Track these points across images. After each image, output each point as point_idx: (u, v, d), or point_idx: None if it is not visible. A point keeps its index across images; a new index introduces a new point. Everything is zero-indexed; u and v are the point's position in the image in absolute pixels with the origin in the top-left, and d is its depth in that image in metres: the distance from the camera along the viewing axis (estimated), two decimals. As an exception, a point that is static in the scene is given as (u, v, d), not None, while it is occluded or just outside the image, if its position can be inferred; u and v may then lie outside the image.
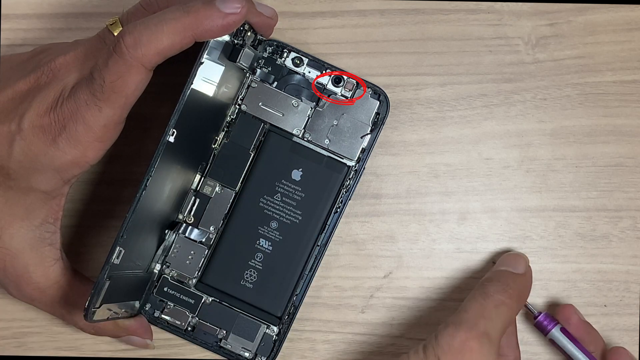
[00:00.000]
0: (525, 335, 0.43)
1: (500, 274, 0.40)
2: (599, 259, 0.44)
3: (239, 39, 0.39)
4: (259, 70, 0.42)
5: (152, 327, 0.42)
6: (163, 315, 0.42)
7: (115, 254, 0.36)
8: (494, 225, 0.44)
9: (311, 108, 0.42)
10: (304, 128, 0.42)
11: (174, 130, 0.36)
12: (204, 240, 0.42)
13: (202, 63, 0.36)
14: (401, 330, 0.44)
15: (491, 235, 0.44)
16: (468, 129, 0.44)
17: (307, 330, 0.44)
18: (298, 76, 0.42)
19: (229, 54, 0.39)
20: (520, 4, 0.44)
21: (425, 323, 0.44)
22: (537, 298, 0.43)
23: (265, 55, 0.42)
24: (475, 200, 0.44)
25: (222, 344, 0.42)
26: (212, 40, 0.36)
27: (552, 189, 0.44)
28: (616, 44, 0.44)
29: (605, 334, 0.43)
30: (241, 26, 0.38)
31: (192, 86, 0.36)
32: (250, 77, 0.42)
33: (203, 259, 0.42)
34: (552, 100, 0.44)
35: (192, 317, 0.42)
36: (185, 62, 0.37)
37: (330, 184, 0.42)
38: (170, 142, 0.36)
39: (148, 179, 0.36)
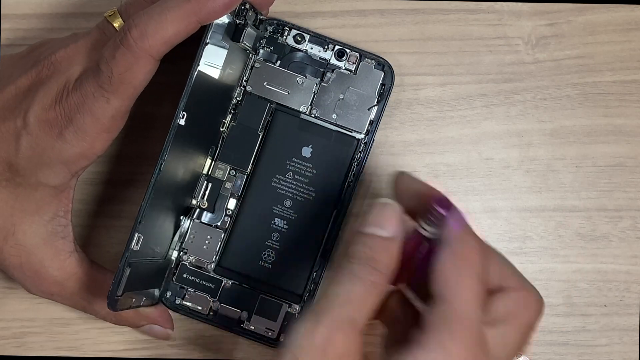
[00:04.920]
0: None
1: (367, 242, 0.32)
2: (599, 259, 0.44)
3: (241, 18, 0.39)
4: (261, 50, 0.42)
5: (174, 314, 0.42)
6: (184, 302, 0.42)
7: (134, 240, 0.36)
8: (494, 225, 0.44)
9: (316, 84, 0.42)
10: (311, 104, 0.42)
11: (184, 113, 0.36)
12: (219, 224, 0.42)
13: (207, 44, 0.36)
14: (401, 330, 0.44)
15: (491, 235, 0.44)
16: (468, 129, 0.44)
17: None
18: (301, 53, 0.42)
19: (232, 34, 0.39)
20: (520, 4, 0.44)
21: (425, 323, 0.44)
22: (537, 298, 0.44)
23: (267, 35, 0.42)
24: (475, 200, 0.44)
25: (245, 326, 0.42)
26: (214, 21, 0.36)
27: (552, 189, 0.44)
28: (616, 44, 0.44)
29: (605, 334, 0.43)
30: (242, 5, 0.38)
31: (199, 68, 0.36)
32: (253, 57, 0.42)
33: (220, 243, 0.42)
34: (552, 100, 0.44)
35: (213, 301, 0.42)
36: (186, 58, 0.37)
37: (341, 158, 0.42)
38: (181, 125, 0.36)
39: (162, 163, 0.36)
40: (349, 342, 0.30)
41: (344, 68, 0.42)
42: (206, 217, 0.42)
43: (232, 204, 0.42)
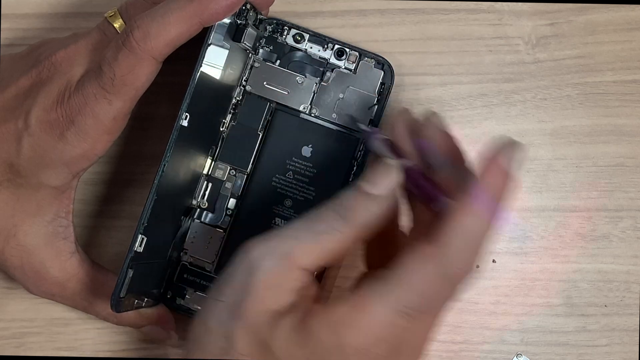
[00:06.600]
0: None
1: (352, 193, 0.33)
2: (599, 259, 0.44)
3: (242, 18, 0.39)
4: (261, 50, 0.42)
5: (175, 314, 0.42)
6: (184, 303, 0.42)
7: (137, 242, 0.36)
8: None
9: (316, 83, 0.42)
10: (311, 104, 0.42)
11: (186, 114, 0.36)
12: (219, 223, 0.42)
13: (209, 45, 0.36)
14: (401, 331, 0.44)
15: (491, 235, 0.44)
16: (468, 128, 0.44)
17: (307, 331, 0.44)
18: (300, 53, 0.42)
19: (233, 34, 0.39)
20: (520, 3, 0.44)
21: (425, 323, 0.44)
22: (537, 298, 0.43)
23: (266, 34, 0.42)
24: (476, 200, 0.44)
25: None
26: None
27: (552, 189, 0.44)
28: (616, 44, 0.44)
29: (605, 334, 0.43)
30: (243, 5, 0.38)
31: (201, 69, 0.36)
32: (253, 57, 0.42)
33: (220, 243, 0.42)
34: (552, 100, 0.44)
35: None
36: (185, 59, 0.37)
37: (341, 158, 0.42)
38: (184, 126, 0.36)
39: (164, 165, 0.36)
40: (283, 273, 0.31)
41: (343, 67, 0.42)
42: (206, 217, 0.42)
43: (232, 204, 0.42)
